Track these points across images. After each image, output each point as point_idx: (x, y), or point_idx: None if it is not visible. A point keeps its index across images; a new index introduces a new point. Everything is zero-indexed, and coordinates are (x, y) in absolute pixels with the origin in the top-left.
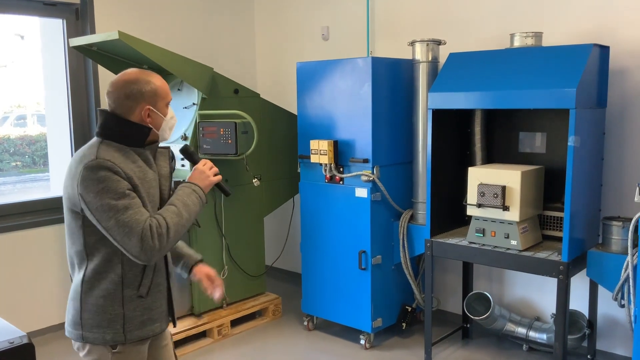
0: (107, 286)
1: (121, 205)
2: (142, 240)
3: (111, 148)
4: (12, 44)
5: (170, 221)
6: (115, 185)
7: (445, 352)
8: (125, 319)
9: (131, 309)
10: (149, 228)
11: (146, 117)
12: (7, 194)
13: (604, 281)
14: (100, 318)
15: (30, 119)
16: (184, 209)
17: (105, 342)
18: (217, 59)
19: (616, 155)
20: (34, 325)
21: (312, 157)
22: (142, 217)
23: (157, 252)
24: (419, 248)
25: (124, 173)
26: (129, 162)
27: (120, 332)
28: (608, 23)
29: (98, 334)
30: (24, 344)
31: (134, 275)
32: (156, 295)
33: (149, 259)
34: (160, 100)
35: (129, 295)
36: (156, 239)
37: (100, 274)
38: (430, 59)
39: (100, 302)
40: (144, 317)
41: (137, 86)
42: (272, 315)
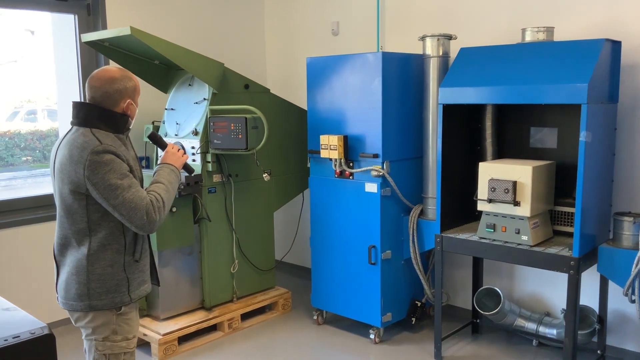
0: (112, 255)
1: (126, 184)
2: (147, 214)
3: (107, 136)
4: (22, 39)
5: (165, 196)
6: (119, 167)
7: (455, 347)
8: (129, 282)
9: (131, 272)
10: (150, 203)
11: (127, 109)
12: (19, 189)
13: (615, 277)
14: (109, 284)
15: (40, 114)
16: (169, 185)
17: (114, 305)
18: (227, 54)
19: (627, 151)
20: (48, 318)
21: (322, 152)
22: (144, 194)
23: (158, 223)
24: (429, 243)
25: (123, 156)
26: (122, 147)
27: (126, 293)
28: (620, 18)
29: (106, 299)
30: (45, 335)
31: (130, 243)
32: (145, 259)
33: (152, 229)
34: (137, 95)
35: (128, 260)
36: (157, 212)
37: (105, 245)
38: (441, 54)
39: (107, 271)
40: (140, 278)
41: (123, 83)
42: (281, 310)
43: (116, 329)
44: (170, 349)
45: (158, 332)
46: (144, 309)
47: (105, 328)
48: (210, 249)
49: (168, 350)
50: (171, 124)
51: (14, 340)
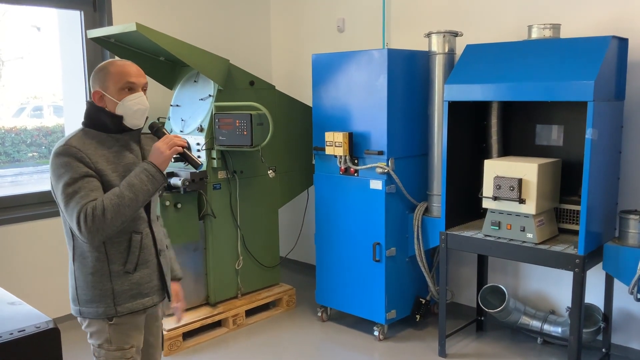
0: (94, 263)
1: (71, 190)
2: (78, 222)
3: (86, 135)
4: (28, 35)
5: (108, 203)
6: (72, 171)
7: (459, 344)
8: (115, 294)
9: (119, 283)
10: (85, 211)
11: (99, 102)
12: (25, 184)
13: (620, 275)
14: (92, 293)
15: (46, 110)
16: (127, 189)
17: (98, 316)
18: (232, 50)
19: (634, 149)
20: (53, 313)
21: (327, 149)
22: (85, 201)
23: (97, 232)
24: (434, 240)
25: (88, 158)
26: (101, 148)
27: (112, 305)
28: (627, 15)
29: (92, 308)
30: (50, 329)
31: (117, 252)
32: (144, 271)
33: (89, 239)
34: (112, 84)
35: (115, 270)
36: (90, 220)
37: (85, 252)
38: (447, 51)
39: (89, 279)
40: (133, 291)
41: (95, 73)
42: (286, 306)
43: (110, 338)
44: (174, 345)
45: (163, 328)
46: None
47: (99, 336)
48: (215, 245)
49: (173, 346)
50: (176, 121)
51: (20, 334)
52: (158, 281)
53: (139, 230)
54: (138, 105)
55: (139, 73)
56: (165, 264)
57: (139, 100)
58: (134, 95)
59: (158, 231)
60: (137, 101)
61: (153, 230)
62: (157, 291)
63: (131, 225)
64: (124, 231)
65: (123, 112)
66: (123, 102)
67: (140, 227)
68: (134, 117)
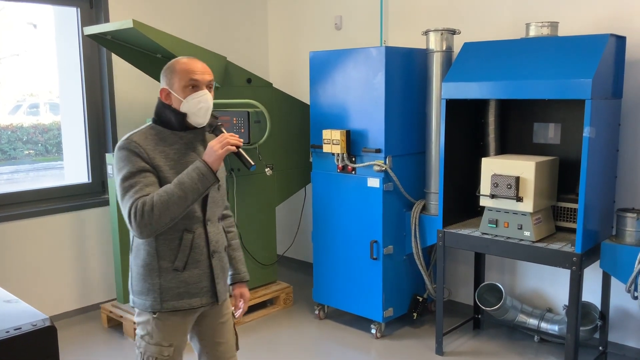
0: (145, 257)
1: (127, 184)
2: (129, 216)
3: (150, 131)
4: (24, 32)
5: (157, 199)
6: (129, 165)
7: (456, 342)
8: (161, 289)
9: (167, 280)
10: (136, 205)
11: (165, 99)
12: (21, 182)
13: (617, 273)
14: (142, 285)
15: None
16: (177, 187)
17: (145, 308)
18: (230, 48)
19: (631, 147)
20: (50, 311)
21: (325, 146)
22: (138, 195)
23: (145, 227)
24: (431, 238)
25: (146, 153)
26: (162, 145)
27: (158, 300)
28: (625, 13)
29: (141, 299)
30: (46, 327)
31: (168, 249)
32: (193, 271)
33: (138, 233)
34: (177, 81)
35: (165, 267)
36: (139, 215)
37: (139, 245)
38: (445, 49)
39: (140, 271)
40: (180, 289)
41: (163, 71)
42: (283, 304)
43: (151, 332)
44: None
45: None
46: None
47: (144, 327)
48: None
49: None
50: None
51: (16, 332)
52: (208, 283)
53: (191, 229)
54: (201, 103)
55: (204, 70)
56: (219, 266)
57: (202, 98)
58: (197, 93)
59: (214, 232)
60: (200, 99)
61: (207, 230)
62: (206, 292)
63: (184, 224)
64: (176, 229)
65: (187, 110)
66: (187, 100)
67: (193, 226)
68: (197, 115)
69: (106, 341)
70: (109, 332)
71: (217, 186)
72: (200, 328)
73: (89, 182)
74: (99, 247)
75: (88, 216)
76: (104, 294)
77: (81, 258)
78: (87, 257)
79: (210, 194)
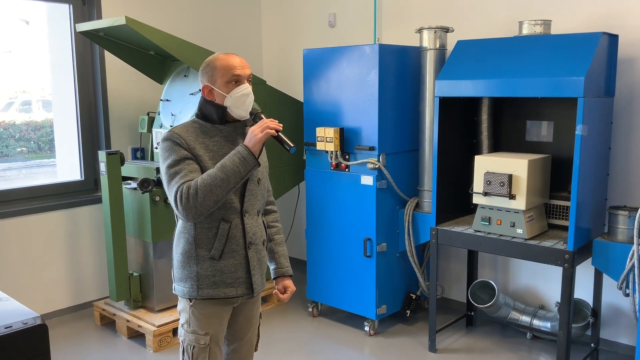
0: (184, 245)
1: (172, 171)
2: (175, 199)
3: (193, 124)
4: (17, 29)
5: (201, 183)
6: (174, 154)
7: (449, 339)
8: (199, 277)
9: (204, 268)
10: (181, 190)
11: (208, 95)
12: (14, 179)
13: (609, 270)
14: (181, 272)
15: (35, 105)
16: (219, 170)
17: (184, 295)
18: (223, 45)
19: (623, 145)
20: (42, 309)
21: (318, 144)
22: (183, 180)
23: (190, 210)
24: (424, 236)
25: (187, 144)
26: (203, 137)
27: (195, 287)
28: (617, 11)
29: (180, 286)
30: (37, 325)
31: (206, 237)
32: (230, 260)
33: (185, 216)
34: (219, 77)
35: (202, 255)
36: (185, 198)
37: (180, 233)
38: (438, 47)
39: (180, 258)
40: (215, 277)
41: (203, 68)
42: (276, 302)
43: (189, 319)
44: (164, 341)
45: (153, 324)
46: (139, 301)
47: (183, 314)
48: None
49: (162, 342)
50: (166, 115)
51: (6, 331)
52: (244, 273)
53: (228, 219)
54: (245, 96)
55: (243, 65)
56: (255, 258)
57: (245, 91)
58: (240, 87)
59: (251, 225)
60: (244, 92)
61: (244, 222)
62: (242, 283)
63: (221, 214)
64: (214, 218)
65: (231, 104)
66: (231, 95)
67: (230, 216)
68: (241, 109)
69: (99, 339)
70: (102, 330)
71: (257, 180)
72: (232, 320)
73: (82, 180)
74: (92, 245)
75: (81, 214)
76: (97, 291)
77: (74, 256)
78: (79, 255)
79: (248, 187)
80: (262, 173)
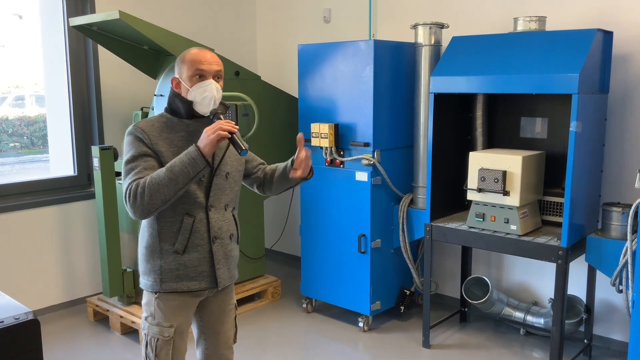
0: (148, 239)
1: (128, 167)
2: (125, 197)
3: (159, 119)
4: (10, 24)
5: (149, 182)
6: (133, 150)
7: (443, 335)
8: (162, 270)
9: (167, 262)
10: (131, 187)
11: (176, 87)
12: (7, 175)
13: (603, 266)
14: (145, 266)
15: (28, 100)
16: (167, 170)
17: (148, 288)
18: (217, 40)
19: (617, 141)
20: (35, 305)
21: (313, 140)
22: (135, 177)
23: (137, 209)
24: (419, 232)
25: (149, 140)
26: (168, 132)
27: (158, 281)
28: (612, 8)
29: (144, 279)
30: (29, 320)
31: (170, 231)
32: (193, 254)
33: (132, 214)
34: (185, 70)
35: (165, 249)
36: (132, 196)
37: (144, 227)
38: (433, 43)
39: (145, 252)
40: (179, 271)
41: (176, 61)
42: (271, 298)
43: (154, 311)
44: None
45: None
46: (132, 297)
47: (147, 308)
48: None
49: None
50: (160, 110)
51: None
52: (208, 267)
53: (192, 213)
54: (206, 92)
55: (212, 61)
56: (221, 252)
57: (207, 87)
58: (203, 82)
59: (217, 219)
60: (205, 88)
61: (209, 216)
62: (206, 277)
63: (185, 208)
64: (178, 212)
65: (193, 98)
66: (192, 89)
67: (194, 210)
68: (202, 104)
69: (92, 335)
70: (95, 326)
71: (226, 174)
72: (202, 314)
73: (75, 175)
74: (85, 241)
75: (74, 209)
76: (90, 287)
77: (67, 251)
78: (73, 251)
79: (215, 181)
80: (235, 169)
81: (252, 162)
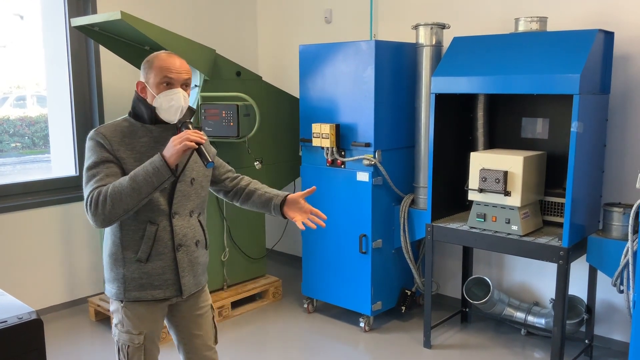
0: (111, 246)
1: (89, 174)
2: (86, 204)
3: (122, 123)
4: (11, 24)
5: (112, 190)
6: (94, 156)
7: (444, 335)
8: (125, 279)
9: (131, 270)
10: (92, 195)
11: (141, 92)
12: (8, 175)
13: (604, 267)
14: (109, 274)
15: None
16: (130, 179)
17: (113, 296)
18: (219, 40)
19: (618, 142)
20: (37, 305)
21: (314, 140)
22: (97, 184)
23: (98, 217)
24: (420, 232)
25: (110, 145)
26: (130, 138)
27: (122, 289)
28: (613, 8)
29: (109, 287)
30: (32, 320)
31: (132, 240)
32: (157, 262)
33: (93, 222)
34: (153, 76)
35: (128, 257)
36: (94, 205)
37: (107, 235)
38: (434, 43)
39: (108, 260)
40: (142, 280)
41: (142, 64)
42: (272, 298)
43: (122, 320)
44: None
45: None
46: None
47: (116, 315)
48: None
49: None
50: None
51: (1, 325)
52: (172, 276)
53: (155, 221)
54: (172, 101)
55: (181, 69)
56: (186, 260)
57: (174, 96)
58: (170, 91)
59: (182, 226)
60: (172, 97)
61: (173, 224)
62: (170, 285)
63: (148, 216)
64: (141, 220)
65: (158, 106)
66: (159, 97)
67: (157, 218)
68: (167, 112)
69: (93, 335)
70: (97, 326)
71: (191, 180)
72: (176, 319)
73: (77, 175)
74: (87, 241)
75: (75, 209)
76: (92, 287)
77: (69, 251)
78: (74, 251)
79: (178, 188)
80: (202, 175)
81: (220, 168)
